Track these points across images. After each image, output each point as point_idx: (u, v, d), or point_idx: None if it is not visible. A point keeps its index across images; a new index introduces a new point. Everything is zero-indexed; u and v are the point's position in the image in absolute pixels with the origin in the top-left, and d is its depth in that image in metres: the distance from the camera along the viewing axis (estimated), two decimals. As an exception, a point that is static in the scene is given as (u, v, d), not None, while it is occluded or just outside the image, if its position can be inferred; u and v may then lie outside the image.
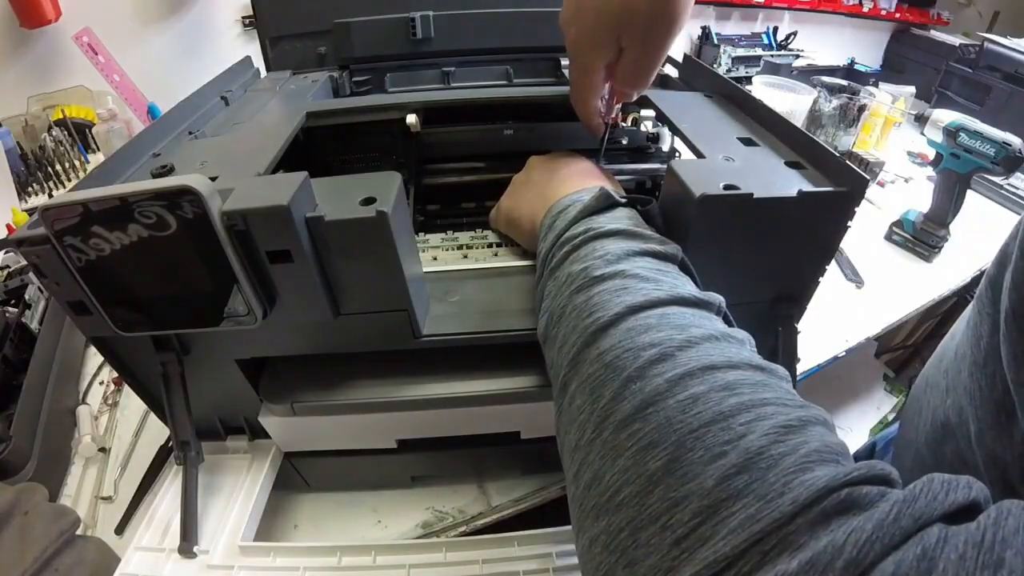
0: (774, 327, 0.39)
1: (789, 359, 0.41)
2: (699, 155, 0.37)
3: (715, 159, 0.35)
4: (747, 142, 0.38)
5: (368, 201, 0.30)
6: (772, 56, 1.41)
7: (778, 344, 0.40)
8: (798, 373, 0.47)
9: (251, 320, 0.31)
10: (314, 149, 0.47)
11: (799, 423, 0.20)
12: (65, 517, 0.39)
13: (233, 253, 0.28)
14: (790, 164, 0.35)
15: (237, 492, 0.42)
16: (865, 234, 0.90)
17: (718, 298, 0.28)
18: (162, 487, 0.43)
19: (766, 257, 0.35)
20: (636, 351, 0.23)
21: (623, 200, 0.33)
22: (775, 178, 0.33)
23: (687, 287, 0.28)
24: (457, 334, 0.36)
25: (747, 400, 0.21)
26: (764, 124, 0.41)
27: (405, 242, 0.32)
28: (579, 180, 0.37)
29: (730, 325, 0.27)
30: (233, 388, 0.40)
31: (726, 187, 0.30)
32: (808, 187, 0.32)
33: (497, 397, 0.39)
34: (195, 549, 0.38)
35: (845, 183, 0.32)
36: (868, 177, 0.31)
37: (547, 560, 0.38)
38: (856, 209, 0.32)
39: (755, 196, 0.30)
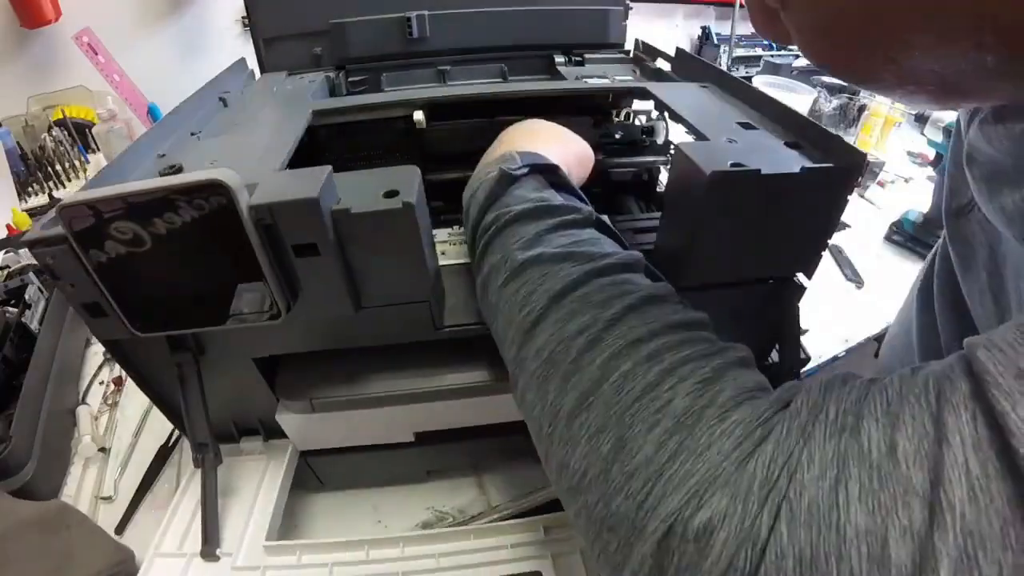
0: (777, 305, 0.41)
1: (793, 340, 0.42)
2: (702, 139, 0.38)
3: (719, 141, 0.36)
4: (746, 126, 0.39)
5: (391, 194, 0.30)
6: (772, 56, 1.40)
7: (782, 322, 0.41)
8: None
9: (275, 315, 0.31)
10: (317, 148, 0.47)
11: (713, 373, 0.23)
12: (121, 552, 0.39)
13: (260, 247, 0.28)
14: (789, 144, 0.36)
15: (256, 493, 0.42)
16: (865, 234, 0.89)
17: (635, 255, 0.30)
18: (178, 490, 0.42)
19: (770, 233, 0.36)
20: (567, 342, 0.26)
21: (524, 171, 0.33)
22: (777, 156, 0.34)
23: (605, 251, 0.29)
24: (477, 324, 0.37)
25: (668, 365, 0.24)
26: (760, 109, 0.42)
27: (427, 234, 0.33)
28: (521, 140, 0.36)
29: (654, 279, 0.29)
30: (249, 388, 0.40)
31: (733, 164, 0.32)
32: (810, 164, 0.33)
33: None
34: (218, 552, 0.38)
35: (844, 159, 0.33)
36: (864, 152, 0.33)
37: (574, 542, 0.39)
38: (855, 184, 0.34)
39: (762, 172, 0.31)
